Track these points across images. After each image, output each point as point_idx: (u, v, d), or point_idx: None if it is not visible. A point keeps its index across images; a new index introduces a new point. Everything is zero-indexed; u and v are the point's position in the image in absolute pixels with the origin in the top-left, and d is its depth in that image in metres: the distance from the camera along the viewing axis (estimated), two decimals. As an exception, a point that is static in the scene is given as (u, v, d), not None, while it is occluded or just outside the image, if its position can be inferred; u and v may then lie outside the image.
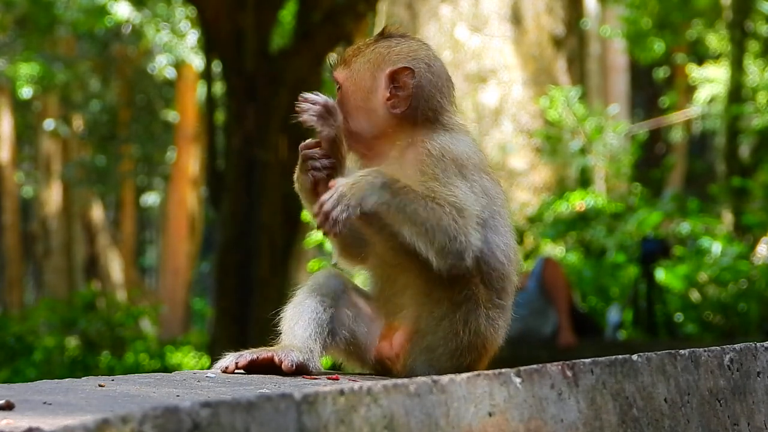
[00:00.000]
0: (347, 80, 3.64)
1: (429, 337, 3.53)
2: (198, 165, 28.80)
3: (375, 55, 3.64)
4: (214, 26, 13.25)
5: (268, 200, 12.89)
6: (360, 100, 3.61)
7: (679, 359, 3.16)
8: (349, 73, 3.64)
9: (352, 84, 3.63)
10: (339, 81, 3.66)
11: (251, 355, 3.53)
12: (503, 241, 3.55)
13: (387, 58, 3.63)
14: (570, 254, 15.28)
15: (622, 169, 17.53)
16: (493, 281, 3.55)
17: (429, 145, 3.49)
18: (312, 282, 3.71)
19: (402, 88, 3.59)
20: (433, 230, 3.35)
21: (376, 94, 3.60)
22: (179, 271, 28.53)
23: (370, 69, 3.62)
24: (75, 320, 18.55)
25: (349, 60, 3.66)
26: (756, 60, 19.78)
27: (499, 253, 3.53)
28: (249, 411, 2.11)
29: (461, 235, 3.36)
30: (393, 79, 3.59)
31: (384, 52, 3.65)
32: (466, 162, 3.49)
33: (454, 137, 3.56)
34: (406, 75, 3.59)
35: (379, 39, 3.69)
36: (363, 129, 3.60)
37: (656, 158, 28.43)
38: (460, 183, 3.43)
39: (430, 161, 3.45)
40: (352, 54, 3.67)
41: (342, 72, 3.66)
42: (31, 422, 2.13)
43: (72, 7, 23.33)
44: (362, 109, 3.61)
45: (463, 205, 3.39)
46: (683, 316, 13.87)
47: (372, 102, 3.60)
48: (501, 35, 17.57)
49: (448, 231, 3.35)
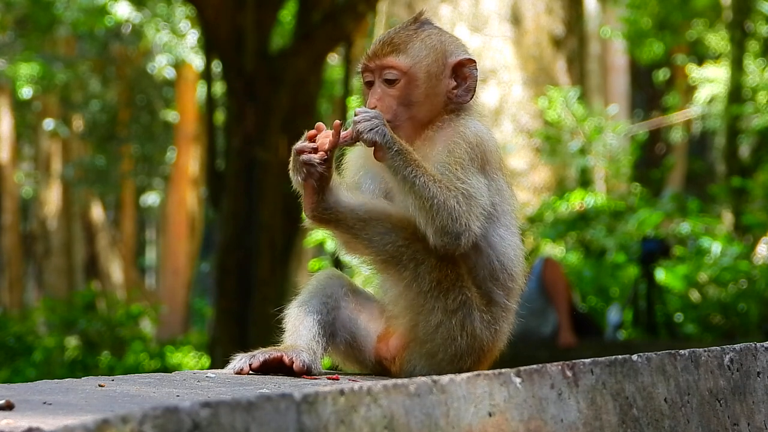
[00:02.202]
0: (414, 67, 3.58)
1: (428, 344, 3.54)
2: (198, 165, 28.79)
3: (435, 42, 3.61)
4: (214, 26, 13.24)
5: (268, 200, 12.88)
6: (428, 87, 3.59)
7: (679, 359, 3.16)
8: (412, 60, 3.58)
9: (421, 71, 3.58)
10: (401, 68, 3.57)
11: (263, 356, 3.53)
12: (514, 241, 3.58)
13: (447, 47, 3.62)
14: (570, 254, 15.28)
15: (622, 169, 17.53)
16: (500, 280, 3.56)
17: (467, 131, 3.52)
18: (315, 282, 3.71)
19: (466, 78, 3.61)
20: (438, 208, 3.38)
21: (442, 81, 3.60)
22: (179, 271, 28.52)
23: (435, 56, 3.60)
24: (75, 320, 18.54)
25: (403, 47, 3.59)
26: (756, 60, 19.76)
27: (510, 251, 3.57)
28: (249, 411, 2.11)
29: (463, 219, 3.39)
30: (457, 70, 3.61)
31: (439, 39, 3.62)
32: (491, 158, 3.54)
33: (485, 128, 3.60)
34: (470, 66, 3.62)
35: (419, 25, 3.64)
36: (424, 116, 3.60)
37: (656, 158, 28.42)
38: (480, 176, 3.48)
39: (463, 145, 3.48)
40: (401, 41, 3.60)
41: (401, 59, 3.58)
42: (31, 422, 2.13)
43: (72, 7, 23.32)
44: (429, 96, 3.59)
45: (472, 193, 3.42)
46: (683, 316, 13.87)
47: (438, 88, 3.60)
48: (501, 35, 17.56)
49: (452, 213, 3.38)
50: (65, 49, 28.59)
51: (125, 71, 29.26)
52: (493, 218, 3.53)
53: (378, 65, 3.60)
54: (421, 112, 3.59)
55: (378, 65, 3.60)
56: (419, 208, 3.39)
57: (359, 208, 3.51)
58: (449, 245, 3.41)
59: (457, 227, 3.39)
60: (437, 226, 3.39)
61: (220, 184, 13.48)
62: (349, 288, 3.71)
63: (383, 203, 3.55)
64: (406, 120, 3.58)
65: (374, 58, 3.60)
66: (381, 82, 3.59)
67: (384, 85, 3.59)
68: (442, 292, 3.47)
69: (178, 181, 28.78)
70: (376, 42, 3.64)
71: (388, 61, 3.59)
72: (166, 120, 29.82)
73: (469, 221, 3.41)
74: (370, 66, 3.61)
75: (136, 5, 23.57)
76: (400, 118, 3.57)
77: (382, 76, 3.60)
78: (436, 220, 3.39)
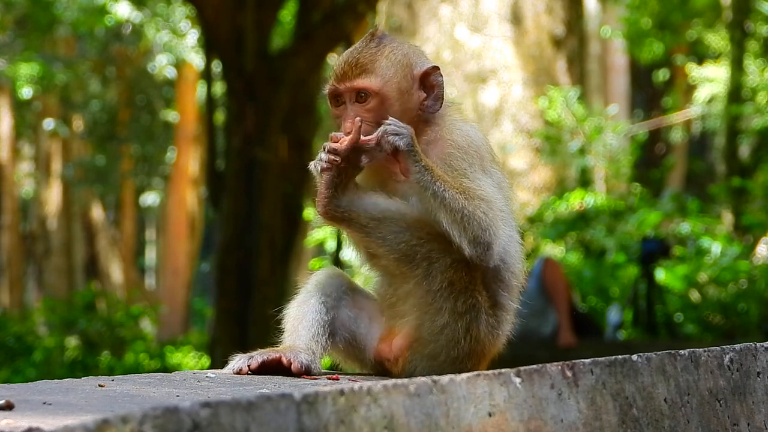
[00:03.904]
0: (384, 86, 3.54)
1: (431, 345, 3.53)
2: (198, 165, 28.79)
3: (399, 56, 3.59)
4: (214, 26, 13.23)
5: (268, 200, 12.88)
6: (401, 103, 3.56)
7: (679, 359, 3.16)
8: (380, 79, 3.54)
9: (391, 89, 3.55)
10: (372, 89, 3.53)
11: (261, 357, 3.52)
12: (514, 236, 3.57)
13: (411, 59, 3.60)
14: (570, 254, 15.29)
15: (622, 169, 17.54)
16: (504, 280, 3.55)
17: (455, 136, 3.53)
18: (314, 281, 3.70)
19: (433, 87, 3.60)
20: (468, 220, 3.38)
21: (412, 96, 3.58)
22: (179, 271, 28.52)
23: (403, 71, 3.57)
24: (75, 320, 18.54)
25: (371, 66, 3.55)
26: (756, 60, 19.76)
27: (512, 248, 3.55)
28: (249, 411, 2.11)
29: (492, 228, 3.40)
30: (424, 80, 3.59)
31: (403, 53, 3.61)
32: (484, 153, 3.55)
33: (469, 126, 3.60)
34: (435, 74, 3.60)
35: (378, 41, 3.61)
36: None
37: (656, 158, 28.42)
38: (485, 177, 3.49)
39: (458, 154, 3.49)
40: (367, 60, 3.56)
41: (370, 79, 3.54)
42: (31, 422, 2.13)
43: (72, 7, 23.32)
44: (404, 111, 3.56)
45: (490, 199, 3.44)
46: (683, 316, 13.87)
47: (410, 103, 3.58)
48: (501, 35, 17.56)
49: (481, 223, 3.39)
50: (65, 49, 28.60)
51: (125, 71, 29.26)
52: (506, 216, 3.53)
53: (348, 87, 3.55)
54: None
55: (348, 87, 3.55)
56: (452, 221, 3.39)
57: (373, 208, 3.49)
58: (483, 255, 3.41)
59: (487, 237, 3.40)
60: (470, 237, 3.39)
61: (220, 184, 13.47)
62: (349, 287, 3.70)
63: (398, 203, 3.52)
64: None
65: (344, 80, 3.55)
66: (353, 105, 3.55)
67: (357, 107, 3.55)
68: (453, 293, 3.46)
69: (178, 181, 28.79)
70: (341, 64, 3.58)
71: (358, 83, 3.54)
72: (166, 120, 29.82)
73: (497, 228, 3.42)
74: (340, 88, 3.56)
75: (136, 5, 23.58)
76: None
77: (353, 98, 3.55)
78: (468, 231, 3.39)
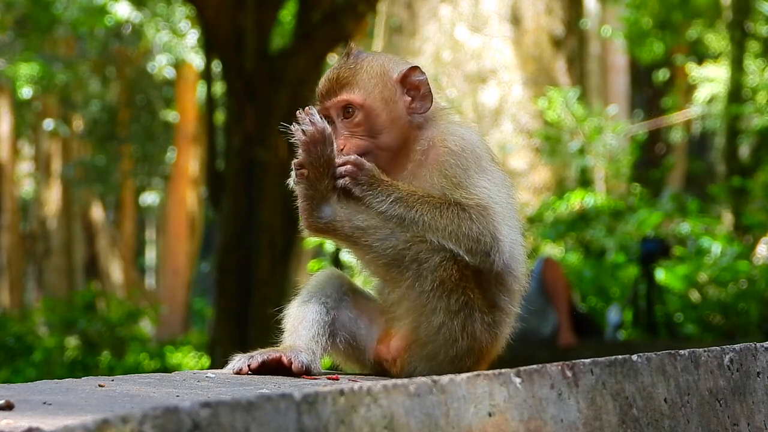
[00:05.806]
0: (368, 98, 3.56)
1: (429, 346, 3.52)
2: (198, 165, 28.79)
3: (376, 67, 3.60)
4: (214, 26, 13.23)
5: (268, 200, 12.87)
6: (388, 113, 3.57)
7: (679, 359, 3.16)
8: (363, 92, 3.56)
9: (375, 100, 3.57)
10: (357, 102, 3.55)
11: (261, 357, 3.52)
12: (517, 238, 3.53)
13: (387, 67, 3.61)
14: (570, 254, 15.29)
15: (622, 169, 17.54)
16: (506, 284, 3.53)
17: (448, 142, 3.51)
18: (314, 282, 3.70)
19: (417, 88, 3.60)
20: (457, 235, 3.38)
21: (397, 103, 3.58)
22: (179, 271, 28.52)
23: (383, 80, 3.59)
24: (75, 320, 18.54)
25: (352, 80, 3.57)
26: (756, 60, 19.77)
27: (514, 250, 3.52)
28: (249, 411, 2.11)
29: (485, 236, 3.39)
30: (405, 83, 3.60)
31: (378, 63, 3.62)
32: (481, 153, 3.53)
33: (464, 129, 3.59)
34: (415, 75, 3.60)
35: (354, 57, 3.62)
36: (395, 141, 3.58)
37: (656, 158, 28.42)
38: (482, 179, 3.47)
39: (452, 161, 3.47)
40: (347, 75, 3.58)
41: (353, 92, 3.57)
42: (31, 422, 2.13)
43: (72, 7, 23.33)
44: (393, 120, 3.57)
45: (487, 204, 3.42)
46: (683, 316, 13.88)
47: (396, 111, 3.58)
48: (501, 35, 17.57)
49: (470, 234, 3.38)
50: (65, 49, 28.60)
51: (125, 71, 29.26)
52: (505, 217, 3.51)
53: (333, 103, 3.58)
54: (392, 138, 3.57)
55: (333, 103, 3.58)
56: (441, 238, 3.40)
57: (356, 217, 3.48)
58: (484, 263, 3.42)
59: (482, 247, 3.40)
60: (464, 249, 3.40)
61: (220, 184, 13.47)
62: (349, 287, 3.71)
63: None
64: (379, 151, 3.56)
65: (328, 96, 3.58)
66: (342, 122, 3.58)
67: (345, 123, 3.57)
68: (445, 292, 3.46)
69: (178, 181, 28.79)
70: (323, 82, 3.61)
71: (342, 98, 3.56)
72: (166, 120, 29.83)
73: (495, 232, 3.41)
74: (327, 105, 3.58)
75: (136, 5, 23.57)
76: (372, 151, 3.55)
77: (340, 115, 3.58)
78: (461, 245, 3.39)
